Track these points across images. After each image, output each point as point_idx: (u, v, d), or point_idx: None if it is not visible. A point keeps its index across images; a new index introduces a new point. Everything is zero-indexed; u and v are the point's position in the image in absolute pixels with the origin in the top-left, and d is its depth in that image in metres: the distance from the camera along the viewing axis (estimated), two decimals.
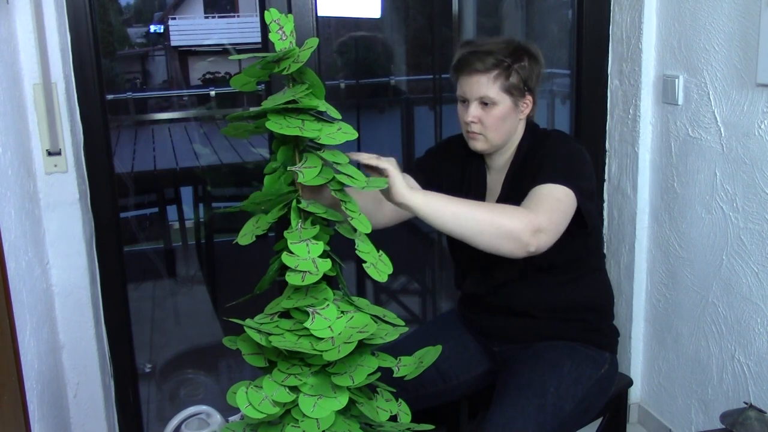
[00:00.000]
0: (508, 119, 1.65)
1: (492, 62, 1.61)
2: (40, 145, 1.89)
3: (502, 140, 1.68)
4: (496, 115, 1.63)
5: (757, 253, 1.84)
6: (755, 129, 1.81)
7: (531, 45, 1.68)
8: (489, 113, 1.63)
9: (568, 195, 1.53)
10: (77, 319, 2.02)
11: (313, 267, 1.18)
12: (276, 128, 1.17)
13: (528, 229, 1.42)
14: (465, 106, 1.66)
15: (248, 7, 11.40)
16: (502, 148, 1.71)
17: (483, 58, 1.61)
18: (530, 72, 1.65)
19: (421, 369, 1.33)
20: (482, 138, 1.67)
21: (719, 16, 1.89)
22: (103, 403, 2.11)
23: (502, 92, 1.62)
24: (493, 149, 1.70)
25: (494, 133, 1.66)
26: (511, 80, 1.62)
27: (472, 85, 1.63)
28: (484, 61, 1.61)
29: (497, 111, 1.63)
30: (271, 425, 1.24)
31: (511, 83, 1.62)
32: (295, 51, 1.19)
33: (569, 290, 1.71)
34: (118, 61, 9.15)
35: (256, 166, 4.35)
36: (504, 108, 1.63)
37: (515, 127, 1.69)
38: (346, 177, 1.23)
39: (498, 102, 1.63)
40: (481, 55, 1.61)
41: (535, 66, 1.66)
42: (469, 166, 1.79)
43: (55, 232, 1.95)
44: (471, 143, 1.69)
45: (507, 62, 1.61)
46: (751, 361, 1.89)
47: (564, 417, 1.60)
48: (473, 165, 1.78)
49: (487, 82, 1.61)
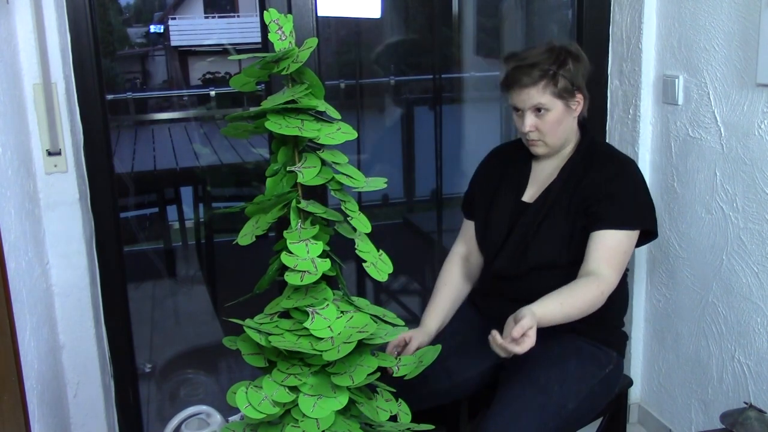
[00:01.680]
0: (564, 121, 1.73)
1: (538, 74, 1.68)
2: (40, 145, 1.89)
3: (560, 142, 1.76)
4: (551, 120, 1.71)
5: (757, 253, 1.84)
6: (755, 129, 1.81)
7: (571, 45, 1.76)
8: (544, 120, 1.71)
9: (632, 237, 1.69)
10: (77, 319, 2.02)
11: (312, 267, 1.18)
12: (275, 128, 1.17)
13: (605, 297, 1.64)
14: (520, 116, 1.74)
15: (248, 7, 11.39)
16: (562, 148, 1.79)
17: (529, 72, 1.68)
18: (575, 72, 1.71)
19: (421, 368, 1.33)
20: (542, 144, 1.75)
21: (719, 16, 1.89)
22: (103, 403, 2.11)
23: (554, 98, 1.69)
24: (554, 151, 1.78)
25: (552, 137, 1.73)
26: (560, 85, 1.69)
27: (523, 97, 1.70)
28: (530, 75, 1.68)
29: (551, 116, 1.70)
30: (271, 425, 1.24)
31: (561, 88, 1.69)
32: (294, 51, 1.19)
33: None
34: (118, 61, 9.15)
35: (256, 166, 4.35)
36: (557, 112, 1.71)
37: (571, 127, 1.77)
38: (346, 177, 1.23)
39: (551, 108, 1.70)
40: (526, 69, 1.68)
41: (579, 65, 1.73)
42: (513, 165, 1.86)
43: (55, 232, 1.95)
44: (533, 149, 1.78)
45: (552, 70, 1.68)
46: (751, 361, 1.89)
47: (567, 415, 1.61)
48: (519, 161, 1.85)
49: (537, 92, 1.69)
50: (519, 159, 1.86)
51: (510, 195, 1.82)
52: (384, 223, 4.12)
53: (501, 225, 1.80)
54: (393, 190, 4.21)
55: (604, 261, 1.64)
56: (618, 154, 1.82)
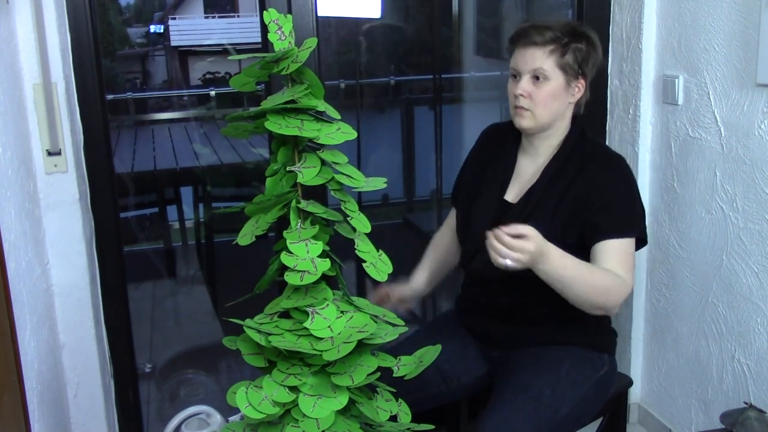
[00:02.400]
0: (559, 98, 1.64)
1: (550, 36, 1.61)
2: (40, 145, 1.89)
3: (548, 120, 1.66)
4: (547, 90, 1.62)
5: (757, 253, 1.84)
6: (755, 129, 1.81)
7: (592, 32, 1.69)
8: (540, 88, 1.62)
9: (633, 242, 1.63)
10: (77, 319, 2.02)
11: (311, 267, 1.18)
12: (275, 128, 1.17)
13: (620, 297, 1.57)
14: (516, 81, 1.65)
15: (248, 7, 11.39)
16: (547, 131, 1.69)
17: (542, 32, 1.61)
18: (587, 55, 1.65)
19: (421, 368, 1.33)
20: (529, 114, 1.64)
21: (719, 16, 1.89)
22: (103, 403, 2.11)
23: (556, 68, 1.62)
24: (538, 128, 1.67)
25: (542, 110, 1.63)
26: (567, 58, 1.62)
27: (526, 57, 1.62)
28: (542, 34, 1.61)
29: (549, 87, 1.62)
30: (271, 425, 1.24)
31: (566, 61, 1.62)
32: (293, 51, 1.19)
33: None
34: (118, 61, 9.15)
35: (256, 166, 4.35)
36: (556, 85, 1.62)
37: (563, 111, 1.67)
38: (345, 177, 1.23)
39: (550, 77, 1.62)
40: (540, 29, 1.62)
41: (593, 52, 1.67)
42: (498, 151, 1.79)
43: (55, 232, 1.95)
44: (516, 120, 1.67)
45: (565, 39, 1.62)
46: (751, 361, 1.89)
47: (560, 419, 1.59)
48: (504, 149, 1.78)
49: (542, 55, 1.61)
50: (506, 148, 1.77)
51: (493, 192, 1.74)
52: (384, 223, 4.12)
53: (482, 224, 1.65)
54: (393, 190, 4.21)
55: (617, 265, 1.58)
56: (609, 153, 1.74)
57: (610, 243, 1.59)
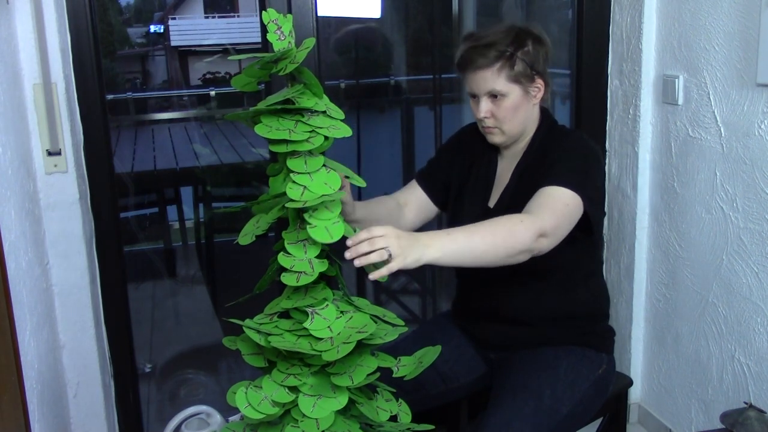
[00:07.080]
0: (521, 108, 1.62)
1: (494, 55, 1.57)
2: (40, 145, 1.89)
3: (518, 130, 1.65)
4: (508, 106, 1.60)
5: (757, 253, 1.84)
6: (755, 129, 1.81)
7: (533, 27, 1.64)
8: (500, 106, 1.60)
9: (576, 200, 1.51)
10: (77, 319, 2.02)
11: (309, 268, 1.18)
12: (264, 132, 1.17)
13: (534, 237, 1.40)
14: (476, 102, 1.63)
15: (248, 7, 11.38)
16: (521, 136, 1.68)
17: (484, 53, 1.57)
18: (536, 55, 1.60)
19: (421, 369, 1.33)
20: (498, 131, 1.64)
21: (719, 16, 1.89)
22: (103, 403, 2.11)
23: (510, 83, 1.59)
24: (511, 140, 1.67)
25: (509, 125, 1.63)
26: (517, 68, 1.58)
27: (477, 82, 1.60)
28: (486, 56, 1.57)
29: (508, 102, 1.60)
30: (270, 425, 1.24)
31: (518, 71, 1.58)
32: (292, 51, 1.19)
33: (564, 296, 1.69)
34: (118, 61, 9.14)
35: (256, 166, 4.35)
36: (514, 98, 1.60)
37: (530, 114, 1.66)
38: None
39: (507, 93, 1.59)
40: (482, 49, 1.58)
41: (540, 48, 1.62)
42: (481, 156, 1.77)
43: (55, 232, 1.95)
44: (489, 138, 1.67)
45: (509, 51, 1.57)
46: (751, 361, 1.89)
47: (560, 419, 1.59)
48: (485, 154, 1.76)
49: (491, 76, 1.58)
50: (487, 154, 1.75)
51: (477, 199, 1.73)
52: None
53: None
54: (393, 190, 4.20)
55: (538, 208, 1.47)
56: (568, 130, 1.71)
57: (546, 189, 1.51)
